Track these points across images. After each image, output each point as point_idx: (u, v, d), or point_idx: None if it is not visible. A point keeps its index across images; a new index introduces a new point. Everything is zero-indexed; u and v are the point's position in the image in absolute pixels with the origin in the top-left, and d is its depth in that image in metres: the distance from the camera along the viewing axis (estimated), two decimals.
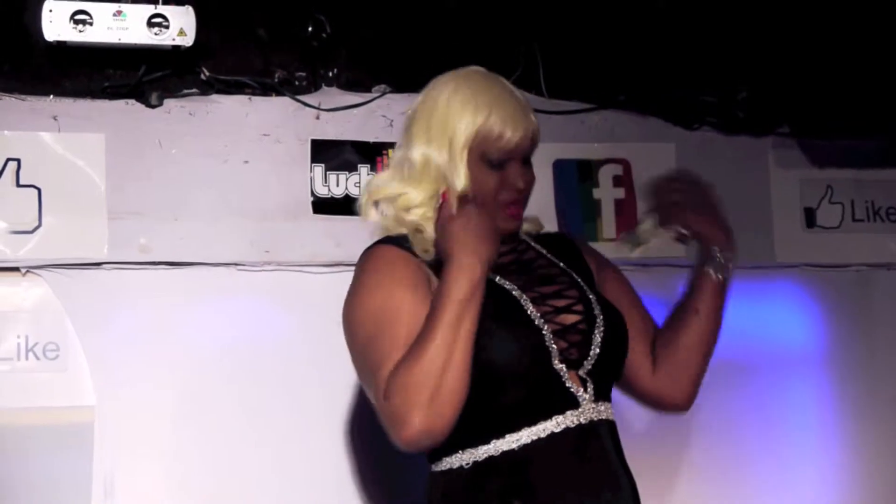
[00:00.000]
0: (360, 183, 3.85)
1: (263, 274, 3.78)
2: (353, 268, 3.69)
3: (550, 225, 3.91)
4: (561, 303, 2.54)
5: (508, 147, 2.59)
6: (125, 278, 3.66)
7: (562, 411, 2.44)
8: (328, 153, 3.85)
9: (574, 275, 2.65)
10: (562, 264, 2.68)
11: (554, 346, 2.45)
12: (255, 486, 3.69)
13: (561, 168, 4.05)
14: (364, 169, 3.86)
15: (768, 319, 4.22)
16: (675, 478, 4.03)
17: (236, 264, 3.75)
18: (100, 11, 3.48)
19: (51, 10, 3.45)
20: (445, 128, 2.58)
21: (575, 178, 4.06)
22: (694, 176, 2.82)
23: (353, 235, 3.76)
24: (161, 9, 3.52)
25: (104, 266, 3.65)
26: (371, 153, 3.88)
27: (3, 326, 3.59)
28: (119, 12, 3.50)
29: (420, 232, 2.57)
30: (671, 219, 2.80)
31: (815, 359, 4.27)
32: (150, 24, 3.52)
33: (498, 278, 2.52)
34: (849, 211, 4.33)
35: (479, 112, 2.57)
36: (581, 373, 2.49)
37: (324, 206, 3.83)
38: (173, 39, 3.54)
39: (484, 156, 2.59)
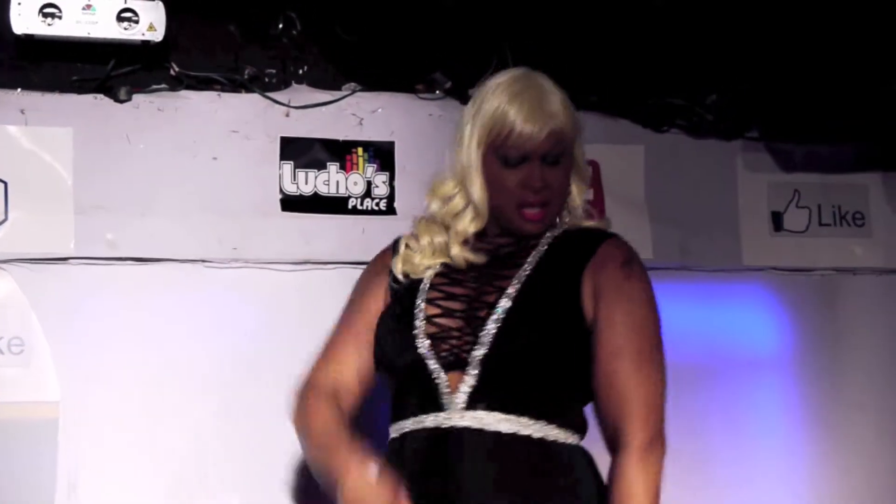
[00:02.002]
0: (328, 181, 3.85)
1: (231, 271, 3.76)
2: (320, 265, 3.77)
3: None
4: (460, 306, 2.59)
5: (521, 143, 2.59)
6: (92, 273, 3.64)
7: (426, 412, 2.53)
8: (297, 151, 3.84)
9: (517, 283, 2.58)
10: (527, 271, 2.62)
11: (428, 350, 2.53)
12: (221, 483, 3.68)
13: None
14: (333, 167, 3.86)
15: (734, 322, 4.24)
16: None
17: (204, 261, 3.74)
18: (69, 5, 3.47)
19: (19, 3, 3.44)
20: (471, 132, 2.67)
21: None
22: None
23: (321, 233, 3.79)
24: (131, 3, 3.51)
25: (70, 261, 3.63)
26: (340, 151, 3.87)
27: None
28: (88, 6, 3.48)
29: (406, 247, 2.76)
30: None
31: (781, 362, 4.29)
32: (120, 19, 3.51)
33: (428, 277, 2.66)
34: (816, 215, 4.35)
35: (493, 109, 2.63)
36: (466, 377, 2.51)
37: (292, 203, 3.82)
38: (143, 34, 3.53)
39: (499, 153, 2.61)
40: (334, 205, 3.86)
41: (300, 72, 3.92)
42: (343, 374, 2.71)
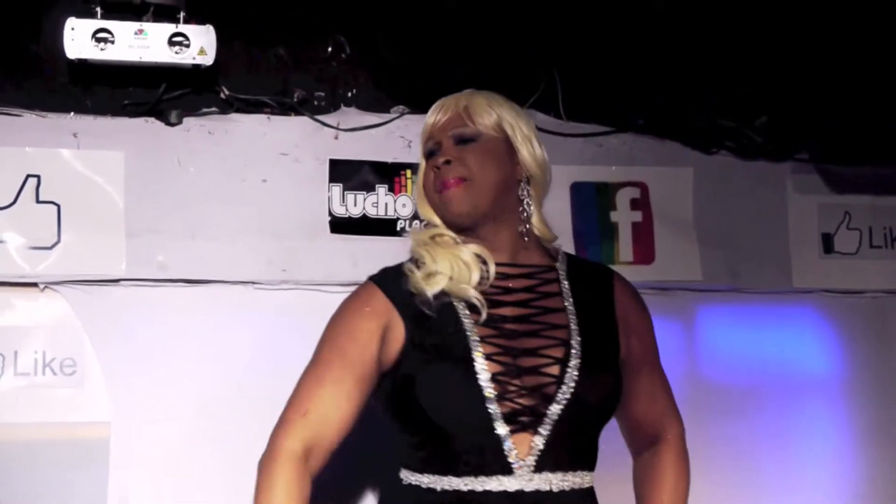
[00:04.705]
0: (377, 203, 3.87)
1: (280, 293, 3.78)
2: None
3: (567, 247, 3.93)
4: (530, 362, 2.49)
5: (430, 132, 2.62)
6: (142, 295, 3.67)
7: (489, 474, 2.44)
8: (346, 173, 3.86)
9: (574, 328, 2.57)
10: (572, 311, 2.60)
11: (497, 408, 2.43)
12: None
13: (579, 190, 4.05)
14: (382, 189, 3.87)
15: (785, 345, 4.21)
16: (690, 498, 4.00)
17: (253, 283, 3.76)
18: (121, 30, 3.51)
19: (73, 28, 3.48)
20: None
21: (593, 201, 4.06)
22: None
23: (370, 255, 3.79)
24: (182, 28, 3.54)
25: (122, 283, 3.66)
26: (389, 173, 3.89)
27: (21, 342, 3.60)
28: (140, 31, 3.52)
29: (413, 269, 2.65)
30: None
31: (832, 385, 4.26)
32: (171, 43, 3.54)
33: (470, 324, 2.52)
34: (866, 237, 4.32)
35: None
36: (535, 438, 2.45)
37: (341, 225, 3.84)
38: (194, 58, 3.56)
39: (423, 150, 2.63)
40: (383, 227, 3.87)
41: (349, 94, 3.94)
42: (321, 430, 2.57)
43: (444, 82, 3.91)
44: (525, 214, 2.67)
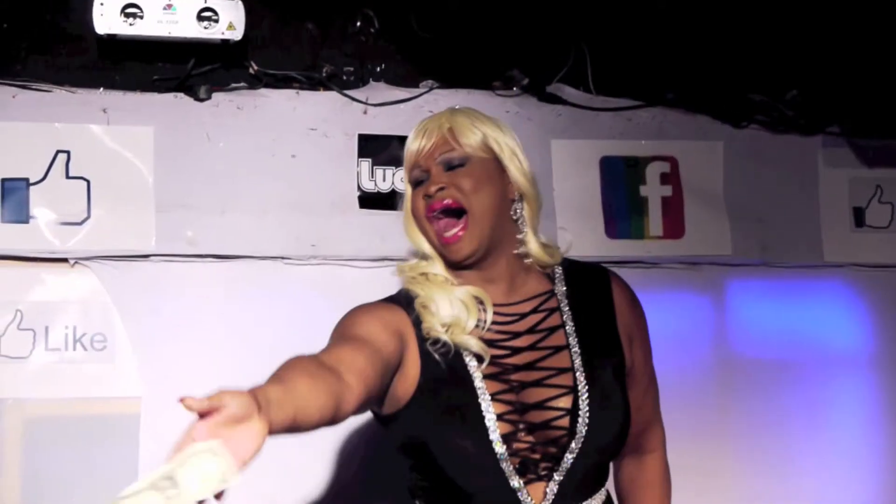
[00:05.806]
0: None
1: (309, 268, 3.79)
2: (397, 262, 3.72)
3: (597, 221, 3.93)
4: (540, 417, 2.47)
5: (416, 159, 2.58)
6: (172, 270, 3.68)
7: None
8: (375, 148, 3.86)
9: (579, 367, 2.52)
10: (576, 347, 2.54)
11: (509, 465, 2.42)
12: (298, 479, 3.70)
13: (608, 165, 4.04)
14: None
15: (816, 319, 4.20)
16: (720, 473, 4.01)
17: (282, 258, 3.76)
18: (150, 5, 3.52)
19: (102, 4, 3.49)
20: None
21: (622, 175, 4.05)
22: None
23: (398, 230, 3.75)
24: (211, 3, 3.55)
25: (152, 258, 3.67)
26: None
27: (52, 317, 3.62)
28: (169, 6, 3.53)
29: (425, 307, 2.57)
30: None
31: (862, 358, 4.24)
32: (200, 18, 3.54)
33: (479, 379, 2.46)
34: None
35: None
36: (550, 485, 2.46)
37: (370, 200, 3.84)
38: (222, 33, 3.57)
39: (410, 182, 2.60)
40: None
41: (378, 69, 3.93)
42: (347, 366, 2.34)
43: (472, 57, 3.93)
44: (520, 236, 2.62)
